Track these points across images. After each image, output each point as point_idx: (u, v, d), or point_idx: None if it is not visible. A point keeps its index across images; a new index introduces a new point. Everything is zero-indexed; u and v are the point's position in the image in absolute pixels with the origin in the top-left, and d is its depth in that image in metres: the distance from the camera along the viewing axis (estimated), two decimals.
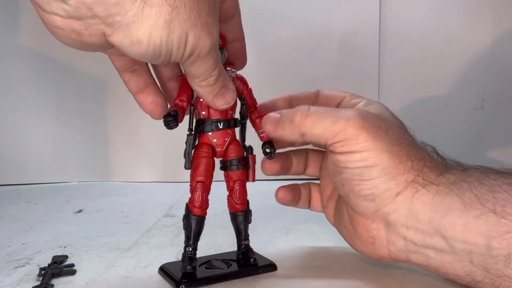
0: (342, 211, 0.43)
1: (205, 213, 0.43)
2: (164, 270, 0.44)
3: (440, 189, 0.37)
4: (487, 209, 0.35)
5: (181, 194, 0.72)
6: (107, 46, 0.33)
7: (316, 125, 0.39)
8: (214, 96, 0.39)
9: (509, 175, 0.37)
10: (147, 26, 0.30)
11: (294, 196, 0.48)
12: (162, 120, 0.39)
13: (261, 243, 0.49)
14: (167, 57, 0.33)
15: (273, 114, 0.41)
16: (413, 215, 0.37)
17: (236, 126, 0.44)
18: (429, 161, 0.39)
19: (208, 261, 0.45)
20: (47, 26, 0.31)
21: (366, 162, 0.37)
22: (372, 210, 0.38)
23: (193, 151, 0.42)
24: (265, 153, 0.45)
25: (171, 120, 0.38)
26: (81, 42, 0.32)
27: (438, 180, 0.38)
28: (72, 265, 0.46)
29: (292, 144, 0.47)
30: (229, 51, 0.42)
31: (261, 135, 0.45)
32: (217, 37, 0.35)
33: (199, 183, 0.42)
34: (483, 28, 0.83)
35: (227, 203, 0.45)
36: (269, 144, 0.45)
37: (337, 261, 0.47)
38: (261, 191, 0.49)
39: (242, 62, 0.44)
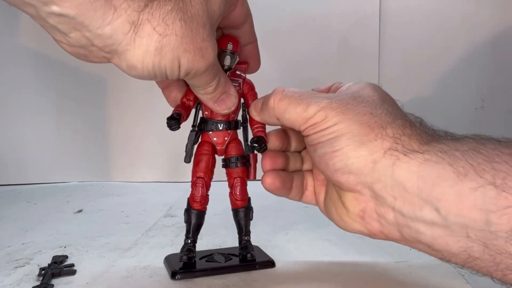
0: (331, 190, 0.42)
1: (205, 208, 0.44)
2: (167, 261, 0.46)
3: (427, 157, 0.35)
4: (485, 181, 0.32)
5: (181, 194, 0.72)
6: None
7: (288, 111, 0.39)
8: (215, 102, 0.41)
9: (509, 144, 0.34)
10: (139, 53, 0.33)
11: (284, 182, 0.43)
12: (166, 122, 0.40)
13: (260, 242, 0.49)
14: (163, 77, 0.36)
15: (260, 99, 0.43)
16: (398, 184, 0.35)
17: (237, 128, 0.45)
18: (409, 129, 0.37)
19: (210, 255, 0.47)
20: None
21: (335, 133, 0.37)
22: (353, 182, 0.37)
23: (195, 147, 0.44)
24: (252, 147, 0.43)
25: (173, 123, 0.40)
26: (89, 60, 0.35)
27: (422, 148, 0.36)
28: (72, 265, 0.46)
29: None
30: (242, 54, 0.43)
31: (254, 131, 0.44)
32: (214, 58, 0.37)
33: (199, 179, 0.44)
34: (484, 28, 0.84)
35: (229, 200, 0.45)
36: (257, 138, 0.43)
37: (336, 261, 0.47)
38: (261, 191, 0.49)
39: (256, 64, 0.46)
